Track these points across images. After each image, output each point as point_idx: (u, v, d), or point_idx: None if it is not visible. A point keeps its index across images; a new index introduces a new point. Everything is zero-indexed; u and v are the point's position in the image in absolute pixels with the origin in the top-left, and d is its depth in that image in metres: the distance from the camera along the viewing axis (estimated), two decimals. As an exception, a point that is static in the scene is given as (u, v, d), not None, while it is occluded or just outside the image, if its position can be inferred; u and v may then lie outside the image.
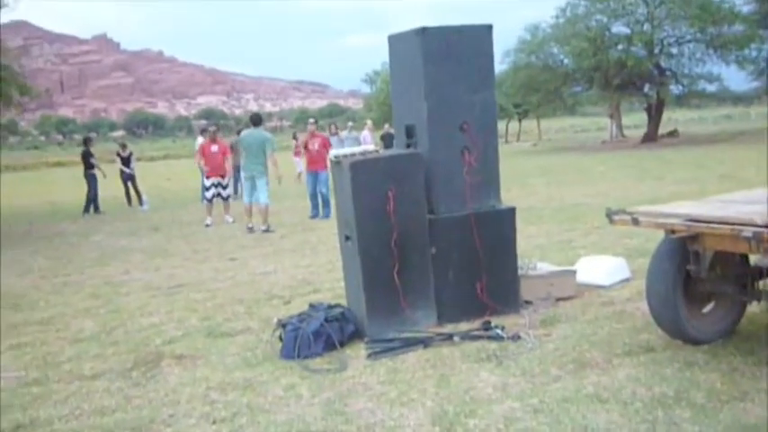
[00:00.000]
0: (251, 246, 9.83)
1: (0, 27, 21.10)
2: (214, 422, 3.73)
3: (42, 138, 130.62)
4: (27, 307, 6.88)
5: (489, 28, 5.05)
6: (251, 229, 10.92)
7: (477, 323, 4.95)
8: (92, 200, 15.88)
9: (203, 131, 13.90)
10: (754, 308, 4.73)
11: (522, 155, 31.22)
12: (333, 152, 4.95)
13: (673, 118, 57.03)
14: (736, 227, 3.51)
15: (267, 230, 10.81)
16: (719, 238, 3.73)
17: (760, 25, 30.31)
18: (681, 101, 34.89)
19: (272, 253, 9.12)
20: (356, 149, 4.98)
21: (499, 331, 4.70)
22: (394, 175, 4.77)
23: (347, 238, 4.93)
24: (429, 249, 4.97)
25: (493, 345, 4.58)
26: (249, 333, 5.38)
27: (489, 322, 4.85)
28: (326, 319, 4.64)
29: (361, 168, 4.69)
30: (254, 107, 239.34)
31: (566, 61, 32.93)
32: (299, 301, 6.14)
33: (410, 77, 5.08)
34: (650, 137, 32.30)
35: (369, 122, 22.66)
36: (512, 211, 5.26)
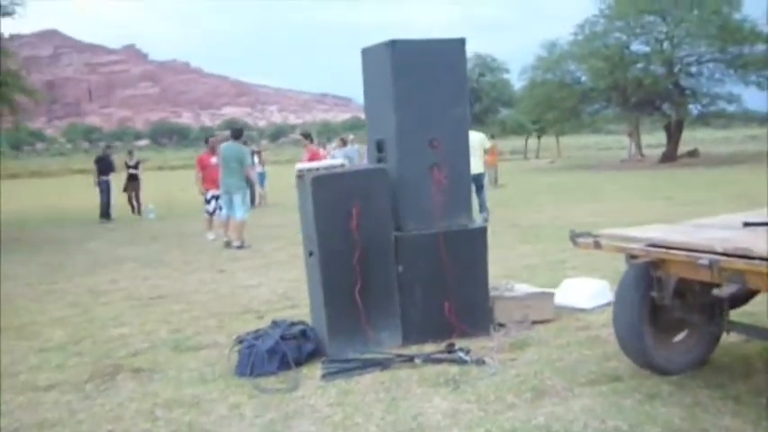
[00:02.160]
0: (244, 257, 9.75)
1: (10, 35, 21.43)
2: (151, 439, 3.62)
3: (69, 145, 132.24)
4: (4, 314, 6.83)
5: (462, 42, 4.93)
6: (228, 244, 10.68)
7: (443, 345, 4.79)
8: (105, 207, 15.99)
9: (206, 141, 13.48)
10: (733, 338, 4.54)
11: (537, 172, 31.01)
12: (298, 166, 4.84)
13: (698, 137, 56.32)
14: (693, 253, 3.34)
15: (241, 247, 10.50)
16: (681, 265, 3.55)
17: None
18: (701, 120, 34.44)
19: (263, 265, 9.03)
20: (322, 163, 4.86)
21: (462, 354, 4.54)
22: (358, 191, 4.65)
23: (311, 254, 4.82)
24: (395, 268, 4.84)
25: (454, 368, 4.42)
26: (214, 348, 5.26)
27: (453, 345, 4.68)
28: (283, 337, 4.52)
29: (323, 183, 4.58)
30: (277, 119, 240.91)
31: (583, 79, 32.71)
32: (273, 316, 5.99)
33: (381, 91, 4.98)
34: (669, 156, 31.91)
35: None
36: (483, 230, 5.11)
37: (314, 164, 5.00)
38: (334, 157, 14.17)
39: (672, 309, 3.94)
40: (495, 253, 8.63)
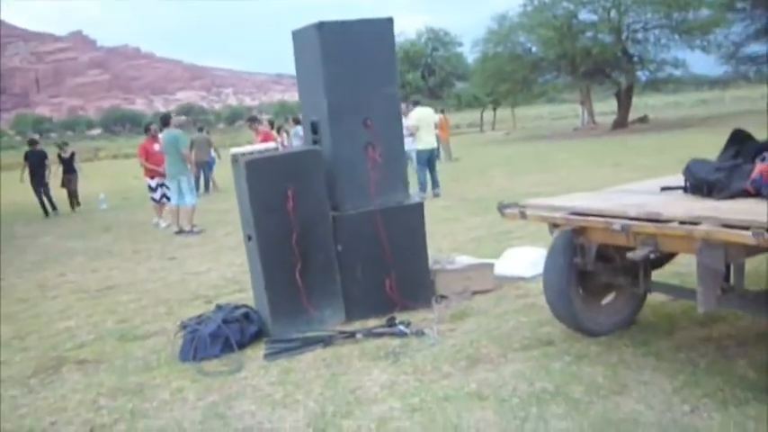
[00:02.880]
0: (194, 244, 9.74)
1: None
2: (92, 430, 3.67)
3: (18, 137, 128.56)
4: (-51, 314, 6.75)
5: (390, 21, 4.98)
6: (180, 232, 10.69)
7: (385, 320, 4.91)
8: (50, 203, 15.54)
9: (146, 130, 12.74)
10: (661, 298, 4.75)
11: (492, 144, 31.28)
12: (232, 150, 4.87)
13: (649, 104, 57.28)
14: (608, 219, 3.49)
15: (192, 231, 10.59)
16: (599, 231, 3.71)
17: (728, 9, 30.46)
18: (651, 86, 35.02)
19: (213, 251, 9.04)
20: (255, 147, 4.90)
21: (403, 327, 4.67)
22: (293, 173, 4.71)
23: (249, 237, 4.87)
24: (334, 247, 4.92)
25: (395, 341, 4.55)
26: (162, 335, 5.30)
27: (394, 318, 4.81)
28: (225, 321, 4.58)
29: (256, 167, 4.62)
30: (233, 102, 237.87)
31: (533, 50, 32.97)
32: (222, 301, 6.04)
33: (312, 73, 5.01)
34: (620, 123, 32.41)
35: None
36: (419, 205, 5.22)
37: (248, 148, 5.02)
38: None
39: (597, 273, 4.11)
40: (444, 226, 8.87)
